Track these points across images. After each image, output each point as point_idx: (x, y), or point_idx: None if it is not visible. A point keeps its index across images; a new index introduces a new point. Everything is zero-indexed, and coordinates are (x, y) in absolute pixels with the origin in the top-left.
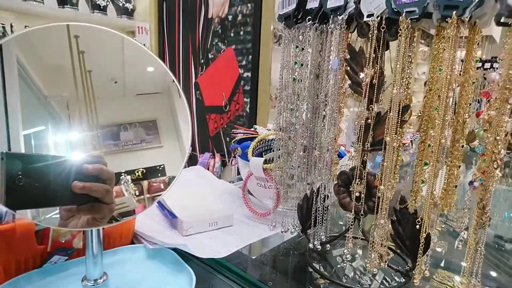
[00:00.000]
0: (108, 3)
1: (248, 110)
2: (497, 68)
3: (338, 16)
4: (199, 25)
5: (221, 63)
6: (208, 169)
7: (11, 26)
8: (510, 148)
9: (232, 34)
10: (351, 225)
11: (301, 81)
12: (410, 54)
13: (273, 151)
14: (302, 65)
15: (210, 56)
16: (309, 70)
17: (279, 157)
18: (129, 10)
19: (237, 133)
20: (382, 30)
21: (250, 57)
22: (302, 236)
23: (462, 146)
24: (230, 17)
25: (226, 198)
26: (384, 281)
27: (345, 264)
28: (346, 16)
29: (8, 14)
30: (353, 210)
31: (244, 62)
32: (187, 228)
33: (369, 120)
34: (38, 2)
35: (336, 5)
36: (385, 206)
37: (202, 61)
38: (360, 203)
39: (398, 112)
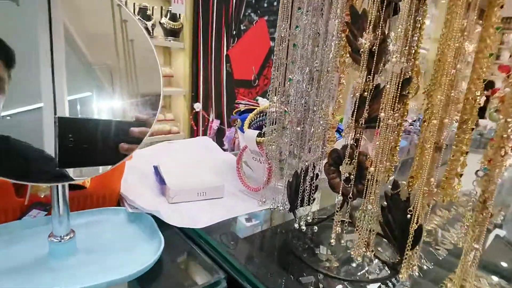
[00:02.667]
0: None
1: None
2: None
3: None
4: None
5: (253, 35)
6: (234, 144)
7: None
8: None
9: (265, 4)
10: (339, 208)
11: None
12: (419, 17)
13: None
14: (299, 28)
15: (242, 27)
16: (308, 34)
17: (272, 131)
18: None
19: (240, 104)
20: None
21: None
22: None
23: (472, 129)
24: None
25: (225, 169)
26: (372, 271)
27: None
28: None
29: None
30: (341, 192)
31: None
32: (173, 196)
33: (366, 93)
34: None
35: None
36: (374, 190)
37: (234, 32)
38: (349, 185)
39: (398, 85)
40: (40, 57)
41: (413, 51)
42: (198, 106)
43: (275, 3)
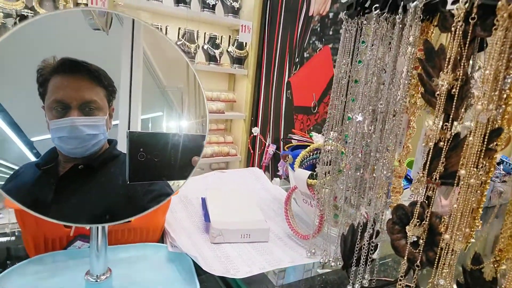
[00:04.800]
0: (217, 2)
1: None
2: None
3: (411, 3)
4: (299, 23)
5: (316, 62)
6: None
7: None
8: None
9: (330, 32)
10: (404, 274)
11: (364, 83)
12: None
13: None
14: (362, 64)
15: (305, 55)
16: (372, 71)
17: (325, 174)
18: (236, 8)
19: (292, 138)
20: (472, 21)
21: None
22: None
23: None
24: (331, 15)
25: (275, 207)
26: None
27: None
28: (422, 4)
29: (133, 13)
30: (406, 257)
31: None
32: (216, 235)
33: (442, 143)
34: (157, 1)
35: None
36: (449, 262)
37: (297, 60)
38: (417, 251)
39: (483, 136)
40: (121, 79)
41: (505, 95)
42: (256, 131)
43: (340, 31)
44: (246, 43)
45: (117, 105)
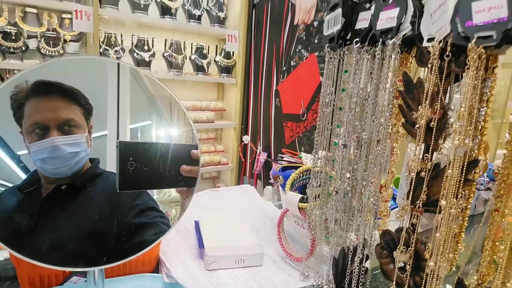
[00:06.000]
0: (202, 13)
1: None
2: None
3: (389, 40)
4: (284, 32)
5: (303, 70)
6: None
7: (121, 35)
8: None
9: (316, 41)
10: None
11: (348, 110)
12: (486, 90)
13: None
14: (346, 92)
15: (292, 63)
16: (355, 101)
17: (315, 197)
18: (221, 18)
19: (283, 160)
20: (447, 58)
21: None
22: None
23: None
24: (315, 23)
25: (268, 227)
26: None
27: None
28: (399, 41)
29: (118, 25)
30: (394, 282)
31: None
32: (211, 262)
33: (423, 173)
34: (143, 13)
35: (386, 26)
36: (435, 287)
37: (284, 68)
38: (404, 275)
39: (462, 168)
40: (108, 89)
41: (480, 126)
42: (246, 139)
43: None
44: (233, 52)
45: (105, 115)
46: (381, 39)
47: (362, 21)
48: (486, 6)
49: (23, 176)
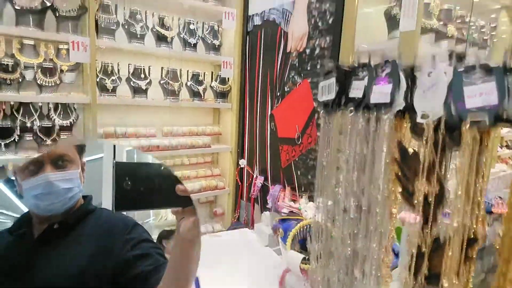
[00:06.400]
0: (198, 41)
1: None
2: None
3: (384, 115)
4: (278, 58)
5: (296, 95)
6: (278, 201)
7: (118, 65)
8: None
9: (308, 67)
10: None
11: (346, 171)
12: (482, 168)
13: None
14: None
15: (286, 89)
16: (352, 165)
17: (317, 258)
18: (216, 46)
19: (282, 212)
20: (441, 135)
21: None
22: None
23: None
24: (307, 51)
25: (268, 276)
26: None
27: None
28: (393, 116)
29: (115, 54)
30: None
31: None
32: None
33: (424, 249)
34: (139, 42)
35: (379, 101)
36: None
37: (278, 93)
38: None
39: (461, 246)
40: None
41: (477, 201)
42: (242, 163)
43: (317, 66)
44: (228, 77)
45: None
46: (375, 112)
47: (356, 90)
48: (477, 92)
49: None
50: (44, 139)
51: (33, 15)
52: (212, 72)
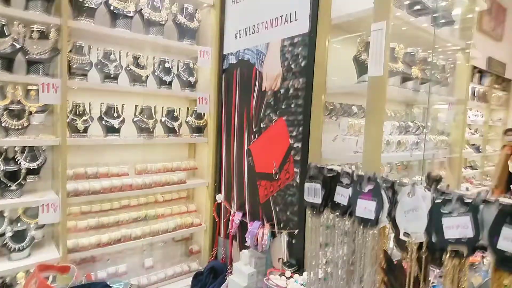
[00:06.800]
0: (173, 79)
1: (298, 181)
2: None
3: (369, 230)
4: (254, 96)
5: (273, 132)
6: (256, 240)
7: (90, 104)
8: None
9: (284, 106)
10: None
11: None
12: (462, 282)
13: None
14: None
15: (262, 125)
16: (340, 268)
17: None
18: (192, 83)
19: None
20: (424, 254)
21: (301, 128)
22: None
23: None
24: (282, 90)
25: None
26: None
27: None
28: (377, 231)
29: (87, 94)
30: None
31: (294, 133)
32: None
33: None
34: (113, 82)
35: (365, 216)
36: None
37: (255, 129)
38: None
39: None
40: None
41: None
42: (220, 198)
43: (292, 105)
44: (204, 113)
45: None
46: (361, 226)
47: (340, 196)
48: (454, 224)
49: None
50: (9, 184)
51: (2, 59)
52: (187, 108)
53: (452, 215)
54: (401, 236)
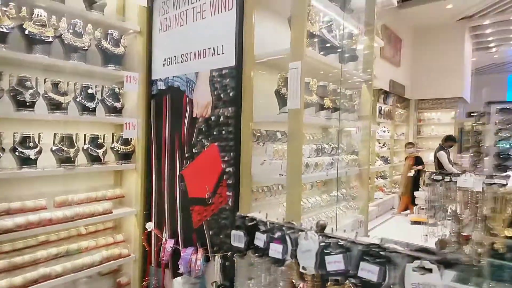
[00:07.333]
0: (97, 104)
1: (231, 204)
2: None
3: (279, 267)
4: (185, 122)
5: (206, 157)
6: (190, 266)
7: (1, 135)
8: None
9: (215, 132)
10: None
11: None
12: None
13: None
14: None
15: (194, 150)
16: None
17: None
18: (118, 108)
19: None
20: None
21: (232, 153)
22: None
23: None
24: (213, 118)
25: None
26: None
27: None
28: (284, 267)
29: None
30: None
31: (227, 158)
32: None
33: None
34: (28, 110)
35: (276, 256)
36: None
37: (188, 154)
38: None
39: None
40: None
41: None
42: (150, 226)
43: (223, 132)
44: (131, 138)
45: None
46: (274, 264)
47: (259, 241)
48: (332, 260)
49: None
50: None
51: None
52: (113, 134)
53: (331, 254)
54: (301, 270)
